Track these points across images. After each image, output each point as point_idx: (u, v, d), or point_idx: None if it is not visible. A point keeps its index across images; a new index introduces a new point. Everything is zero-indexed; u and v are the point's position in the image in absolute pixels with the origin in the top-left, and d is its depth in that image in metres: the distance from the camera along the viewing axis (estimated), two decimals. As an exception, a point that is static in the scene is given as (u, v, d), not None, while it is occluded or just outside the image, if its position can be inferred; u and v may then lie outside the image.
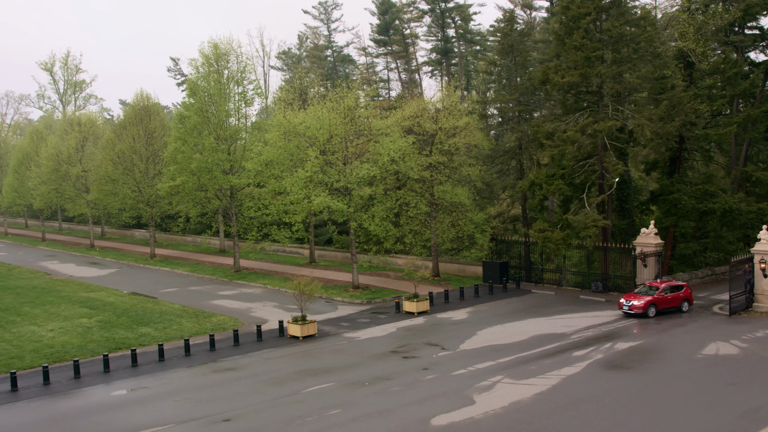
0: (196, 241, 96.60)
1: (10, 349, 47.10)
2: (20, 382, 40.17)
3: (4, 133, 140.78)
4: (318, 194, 58.18)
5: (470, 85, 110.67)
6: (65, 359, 44.46)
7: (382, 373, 39.45)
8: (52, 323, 53.85)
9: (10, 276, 77.30)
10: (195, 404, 35.91)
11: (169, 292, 65.42)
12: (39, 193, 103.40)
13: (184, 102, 78.09)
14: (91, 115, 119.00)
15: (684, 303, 51.40)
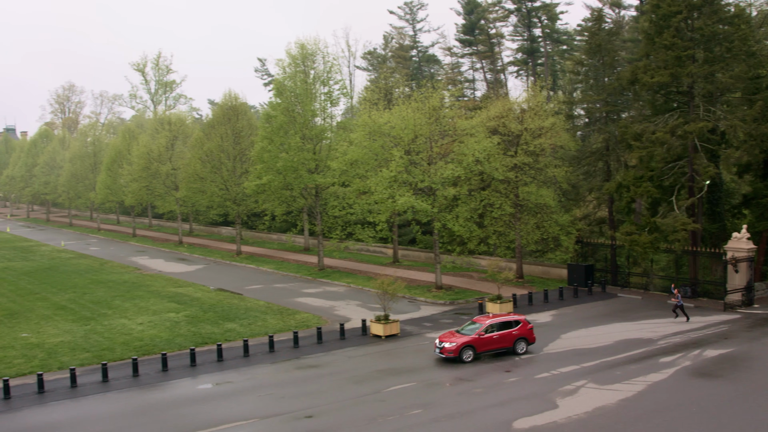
0: (281, 239, 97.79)
1: (101, 341, 48.50)
2: (111, 373, 41.34)
3: (98, 131, 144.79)
4: (402, 194, 58.26)
5: (556, 85, 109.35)
6: (153, 352, 45.55)
7: (464, 374, 39.30)
8: (142, 317, 55.23)
9: (103, 270, 79.56)
10: (278, 400, 36.37)
11: (254, 288, 66.40)
12: (130, 190, 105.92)
13: (270, 102, 79.09)
14: (180, 114, 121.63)
15: (519, 343, 42.56)
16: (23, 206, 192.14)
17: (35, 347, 47.35)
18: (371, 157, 62.89)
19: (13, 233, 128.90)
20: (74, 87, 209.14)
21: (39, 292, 66.89)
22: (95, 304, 60.59)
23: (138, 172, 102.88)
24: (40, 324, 53.97)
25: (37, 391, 38.77)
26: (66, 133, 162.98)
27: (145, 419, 34.50)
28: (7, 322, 54.98)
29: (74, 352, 45.91)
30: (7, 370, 42.49)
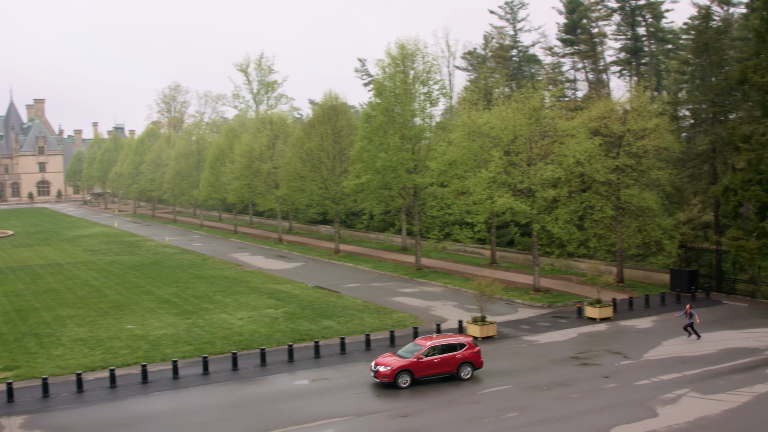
0: (378, 239, 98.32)
1: (203, 334, 49.68)
2: (211, 366, 42.30)
3: (202, 130, 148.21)
4: (501, 195, 57.84)
5: (660, 86, 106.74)
6: (252, 347, 46.39)
7: (561, 378, 38.78)
8: (242, 312, 56.32)
9: (205, 266, 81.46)
10: (374, 398, 36.59)
11: (351, 287, 66.93)
12: (232, 187, 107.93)
13: (370, 102, 79.54)
14: (281, 113, 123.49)
15: (464, 367, 39.05)
16: (130, 202, 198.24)
17: (140, 339, 48.84)
18: (470, 157, 62.63)
19: (120, 228, 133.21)
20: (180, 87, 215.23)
21: (144, 286, 68.95)
22: (197, 299, 62.08)
23: (240, 171, 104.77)
24: (145, 316, 55.64)
25: (141, 382, 40.01)
26: (171, 131, 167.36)
27: (243, 412, 35.19)
28: (114, 313, 56.87)
29: (176, 345, 47.16)
30: (114, 360, 43.97)
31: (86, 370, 42.22)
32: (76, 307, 59.66)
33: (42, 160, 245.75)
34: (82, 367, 42.47)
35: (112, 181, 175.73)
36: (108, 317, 55.71)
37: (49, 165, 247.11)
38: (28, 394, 38.49)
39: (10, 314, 57.73)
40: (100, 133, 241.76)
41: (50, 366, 43.26)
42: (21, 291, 67.95)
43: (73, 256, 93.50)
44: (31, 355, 45.62)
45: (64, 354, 45.73)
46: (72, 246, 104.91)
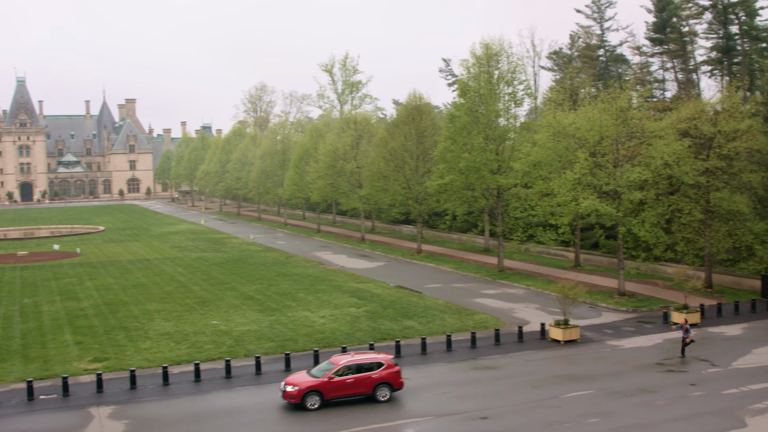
0: (461, 239, 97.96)
1: (285, 331, 50.24)
2: (293, 363, 42.75)
3: (287, 130, 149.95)
4: (586, 197, 57.01)
5: (754, 86, 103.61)
6: (334, 345, 46.69)
7: (645, 384, 38.01)
8: (324, 310, 56.77)
9: (288, 264, 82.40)
10: (454, 399, 36.46)
11: (433, 287, 66.83)
12: (316, 187, 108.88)
13: (454, 102, 79.27)
14: (365, 113, 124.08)
15: (381, 388, 36.30)
16: (216, 200, 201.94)
17: (224, 334, 49.68)
18: (555, 158, 61.89)
19: (206, 225, 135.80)
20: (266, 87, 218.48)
21: (229, 282, 70.10)
22: (280, 296, 62.83)
23: (324, 170, 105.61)
24: (229, 312, 56.56)
25: (225, 376, 40.69)
26: (257, 131, 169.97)
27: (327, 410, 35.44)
28: (199, 309, 57.99)
29: (259, 341, 47.81)
30: (198, 354, 44.82)
31: (172, 363, 43.16)
32: (163, 302, 61.04)
33: (132, 159, 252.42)
34: (168, 361, 43.44)
35: (199, 179, 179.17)
36: (193, 312, 56.84)
37: (139, 163, 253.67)
38: (117, 385, 39.54)
39: (101, 307, 59.41)
40: (188, 132, 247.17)
41: (138, 359, 44.36)
42: (111, 285, 69.87)
43: (160, 252, 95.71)
44: (119, 348, 46.86)
45: (151, 347, 46.83)
46: (160, 242, 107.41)
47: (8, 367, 43.27)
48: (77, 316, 56.21)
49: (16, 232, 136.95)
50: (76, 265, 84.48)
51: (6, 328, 53.07)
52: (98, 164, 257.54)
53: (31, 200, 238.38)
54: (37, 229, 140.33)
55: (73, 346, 47.57)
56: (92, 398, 37.79)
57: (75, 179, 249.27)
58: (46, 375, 41.58)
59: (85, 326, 52.86)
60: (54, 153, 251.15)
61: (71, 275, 76.34)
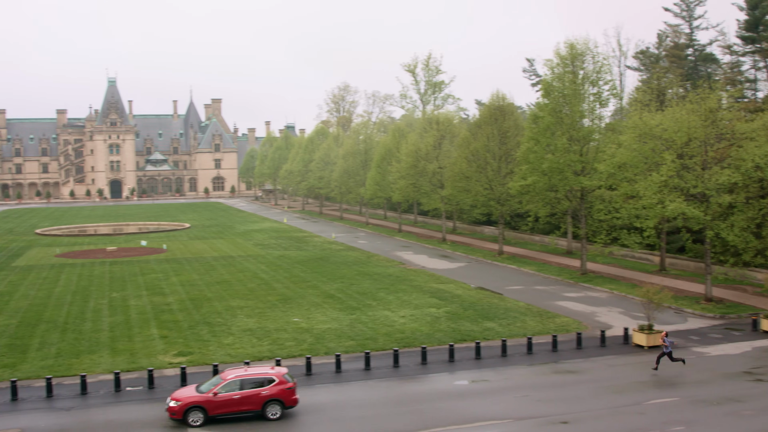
0: (543, 241, 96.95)
1: (365, 330, 50.46)
2: (373, 362, 42.94)
3: (369, 130, 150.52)
4: (672, 200, 55.78)
5: None
6: (414, 345, 46.70)
7: (732, 393, 36.99)
8: (404, 310, 56.82)
9: (369, 263, 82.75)
10: (533, 402, 36.11)
11: (514, 289, 66.28)
12: (398, 186, 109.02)
13: (537, 102, 78.47)
14: (448, 114, 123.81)
15: (270, 406, 34.73)
16: (299, 199, 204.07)
17: (305, 332, 50.16)
18: (640, 160, 60.71)
19: (289, 224, 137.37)
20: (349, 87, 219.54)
21: (310, 281, 70.76)
22: (361, 295, 63.13)
23: (406, 170, 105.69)
24: (310, 310, 57.09)
25: (306, 373, 41.10)
26: (340, 130, 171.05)
27: (403, 409, 35.51)
28: (281, 306, 58.68)
29: (340, 339, 48.13)
30: (280, 351, 45.36)
31: (254, 359, 43.77)
32: (246, 299, 61.96)
33: (217, 157, 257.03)
34: (250, 357, 44.07)
35: (283, 178, 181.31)
36: (275, 309, 57.54)
37: (224, 162, 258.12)
38: (200, 379, 40.22)
39: (186, 303, 60.65)
40: (272, 131, 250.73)
41: (220, 354, 45.12)
42: (196, 281, 71.26)
43: (244, 249, 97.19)
44: (203, 343, 47.75)
45: (233, 343, 47.59)
46: (243, 240, 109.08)
47: (97, 358, 44.55)
48: (163, 311, 57.51)
49: (106, 228, 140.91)
50: (162, 261, 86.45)
51: (95, 321, 54.65)
52: (184, 163, 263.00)
53: (120, 197, 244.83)
54: (125, 226, 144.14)
55: (159, 339, 48.68)
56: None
57: (162, 177, 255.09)
58: (132, 367, 42.66)
59: (170, 321, 54.05)
60: (142, 151, 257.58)
61: (157, 271, 78.15)
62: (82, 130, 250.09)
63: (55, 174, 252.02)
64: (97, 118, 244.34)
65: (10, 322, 54.60)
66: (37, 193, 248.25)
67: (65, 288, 68.56)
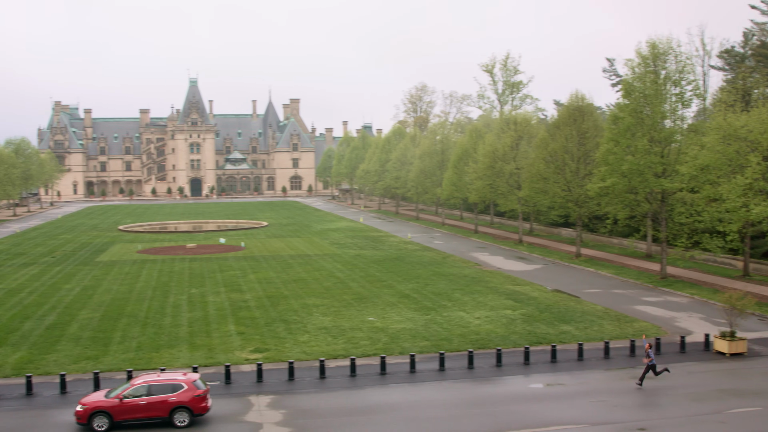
0: (622, 244, 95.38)
1: (440, 331, 50.36)
2: (447, 362, 42.84)
3: (446, 130, 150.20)
4: (758, 203, 54.37)
5: None
6: (488, 347, 46.42)
7: (819, 403, 35.81)
8: (479, 311, 56.52)
9: (445, 263, 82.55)
10: (610, 408, 35.55)
11: (591, 292, 65.34)
12: (474, 187, 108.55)
13: (617, 103, 77.20)
14: (526, 114, 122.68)
15: (178, 413, 34.16)
16: (375, 199, 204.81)
17: (380, 331, 50.29)
18: (724, 162, 59.33)
19: (365, 223, 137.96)
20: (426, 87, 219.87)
21: (385, 280, 70.92)
22: (436, 296, 63.02)
23: (482, 171, 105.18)
24: (385, 310, 57.22)
25: (380, 373, 41.22)
26: (417, 131, 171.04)
27: (477, 411, 35.33)
28: (356, 305, 58.95)
29: (414, 339, 48.12)
30: (355, 350, 45.58)
31: (329, 357, 44.10)
32: (322, 297, 62.44)
33: (295, 157, 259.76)
34: (325, 355, 44.41)
35: (359, 178, 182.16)
36: (351, 308, 57.83)
37: (302, 161, 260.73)
38: (276, 376, 40.77)
39: (263, 300, 61.40)
40: (349, 131, 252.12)
41: (296, 351, 45.56)
42: (272, 279, 72.09)
43: (320, 248, 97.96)
44: (279, 340, 48.28)
45: (309, 341, 48.00)
46: (320, 238, 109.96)
47: (176, 353, 45.44)
48: (240, 308, 58.35)
49: (186, 225, 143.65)
50: (240, 258, 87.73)
51: (175, 316, 55.76)
52: (263, 162, 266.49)
53: (199, 195, 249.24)
54: (204, 223, 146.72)
55: (236, 336, 49.41)
56: (252, 387, 39.15)
57: (241, 176, 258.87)
58: (210, 362, 43.39)
59: (247, 317, 54.80)
60: (222, 150, 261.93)
61: (235, 268, 79.32)
62: (164, 130, 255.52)
63: (137, 172, 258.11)
64: (179, 117, 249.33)
65: (94, 315, 56.14)
66: (121, 191, 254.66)
67: (146, 283, 70.14)
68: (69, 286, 69.00)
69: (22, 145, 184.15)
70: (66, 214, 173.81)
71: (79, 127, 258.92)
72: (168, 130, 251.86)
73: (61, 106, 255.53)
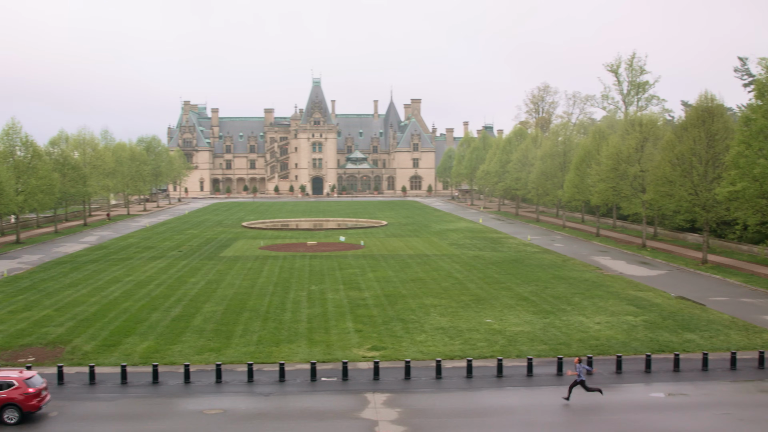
0: (752, 251, 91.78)
1: (558, 335, 49.61)
2: (565, 368, 42.07)
3: (569, 131, 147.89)
4: None
5: None
6: (608, 353, 45.45)
7: None
8: (599, 316, 55.40)
9: (564, 267, 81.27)
10: (735, 422, 34.30)
11: (718, 300, 63.07)
12: (597, 190, 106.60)
13: (750, 104, 74.42)
14: (652, 115, 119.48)
15: (7, 410, 34.03)
16: (495, 200, 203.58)
17: (497, 333, 49.93)
18: None
19: (484, 225, 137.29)
20: (548, 88, 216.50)
21: (504, 282, 70.36)
22: (555, 299, 62.11)
23: (605, 173, 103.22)
24: (503, 312, 56.76)
25: (496, 375, 40.95)
26: (538, 132, 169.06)
27: (594, 418, 34.69)
28: (474, 306, 58.71)
29: (532, 343, 47.57)
30: (471, 351, 45.40)
31: (445, 358, 44.08)
32: (440, 297, 62.43)
33: (415, 157, 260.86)
34: (441, 355, 44.41)
35: (479, 179, 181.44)
36: (468, 309, 57.63)
37: (422, 161, 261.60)
38: (392, 374, 41.02)
39: (380, 298, 61.87)
40: (470, 132, 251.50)
41: (413, 350, 45.70)
42: (391, 278, 72.54)
43: (439, 248, 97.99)
44: (396, 339, 48.54)
45: (425, 340, 48.07)
46: (438, 239, 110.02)
47: (295, 348, 46.29)
48: (358, 306, 58.96)
49: (307, 223, 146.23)
50: (359, 256, 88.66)
51: (295, 311, 56.81)
52: (383, 161, 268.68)
53: (321, 194, 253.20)
54: (325, 221, 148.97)
55: (354, 333, 49.95)
56: (369, 384, 39.50)
57: (361, 175, 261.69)
58: (328, 358, 44.00)
59: (365, 315, 55.33)
60: (343, 150, 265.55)
61: (354, 266, 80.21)
62: (287, 129, 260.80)
63: (261, 170, 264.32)
64: (302, 117, 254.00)
65: (217, 308, 57.79)
66: (245, 188, 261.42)
67: (268, 279, 71.72)
68: (194, 280, 71.30)
69: (153, 143, 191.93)
70: (193, 210, 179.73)
71: (207, 126, 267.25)
72: (291, 129, 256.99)
73: (189, 105, 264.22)
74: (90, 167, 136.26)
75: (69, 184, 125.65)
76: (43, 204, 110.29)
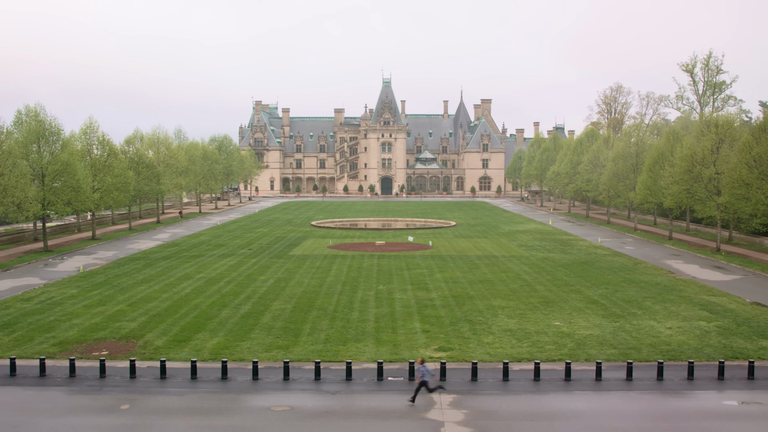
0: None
1: (628, 339, 48.84)
2: (635, 372, 41.48)
3: (641, 132, 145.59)
4: None
5: None
6: (680, 359, 44.57)
7: None
8: (671, 321, 54.37)
9: (635, 270, 79.96)
10: (814, 431, 33.29)
11: (795, 307, 61.43)
12: (670, 192, 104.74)
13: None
14: (728, 116, 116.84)
15: None
16: (565, 201, 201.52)
17: (565, 336, 49.39)
18: None
19: (554, 226, 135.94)
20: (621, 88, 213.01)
21: (573, 284, 69.56)
22: (625, 303, 61.16)
23: (679, 175, 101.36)
24: (572, 315, 56.12)
25: (564, 378, 40.49)
26: (610, 132, 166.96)
27: (665, 425, 34.04)
28: (542, 309, 58.17)
29: (601, 347, 46.92)
30: (539, 354, 44.99)
31: (512, 360, 43.75)
32: (507, 299, 62.02)
33: (485, 157, 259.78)
34: (508, 357, 44.10)
35: (549, 180, 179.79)
36: (536, 312, 57.12)
37: (492, 162, 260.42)
38: (459, 375, 40.87)
39: (448, 299, 61.72)
40: (541, 132, 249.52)
41: (480, 352, 45.47)
42: (459, 278, 72.32)
43: (507, 249, 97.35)
44: (463, 340, 48.36)
45: (493, 342, 47.80)
46: (507, 240, 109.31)
47: (362, 347, 46.46)
48: (426, 306, 58.90)
49: (376, 222, 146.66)
50: (427, 257, 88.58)
51: (363, 311, 57.02)
52: (452, 162, 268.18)
53: (390, 194, 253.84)
54: (393, 221, 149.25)
55: (421, 333, 49.91)
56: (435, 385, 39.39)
57: (430, 175, 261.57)
58: (394, 358, 44.05)
59: (432, 316, 55.25)
60: (412, 150, 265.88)
61: (422, 266, 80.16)
62: (357, 129, 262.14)
63: (330, 170, 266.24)
64: (372, 117, 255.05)
65: (286, 306, 58.36)
66: (314, 187, 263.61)
67: (336, 278, 72.15)
68: (263, 278, 72.13)
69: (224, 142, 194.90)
70: (263, 208, 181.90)
71: (277, 126, 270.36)
72: (361, 129, 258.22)
73: (261, 105, 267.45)
74: (163, 166, 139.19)
75: (143, 182, 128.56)
76: (118, 201, 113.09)
